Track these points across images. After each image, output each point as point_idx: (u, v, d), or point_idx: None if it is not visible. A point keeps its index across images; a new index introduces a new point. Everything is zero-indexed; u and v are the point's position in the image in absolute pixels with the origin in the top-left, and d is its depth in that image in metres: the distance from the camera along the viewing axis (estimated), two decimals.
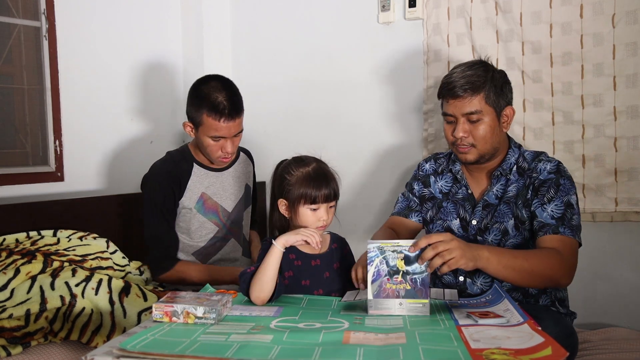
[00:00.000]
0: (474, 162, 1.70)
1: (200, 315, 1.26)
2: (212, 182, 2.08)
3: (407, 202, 1.89)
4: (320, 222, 1.51)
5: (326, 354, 1.07)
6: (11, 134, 2.26)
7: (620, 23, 1.93)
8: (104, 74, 2.50)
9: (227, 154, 1.97)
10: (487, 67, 1.68)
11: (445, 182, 1.82)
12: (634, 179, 1.94)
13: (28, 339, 1.59)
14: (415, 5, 2.32)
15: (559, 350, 1.04)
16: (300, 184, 1.49)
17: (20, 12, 2.25)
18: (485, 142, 1.65)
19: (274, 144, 2.68)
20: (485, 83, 1.63)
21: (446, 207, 1.78)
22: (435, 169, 1.86)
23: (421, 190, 1.86)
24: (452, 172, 1.81)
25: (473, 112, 1.63)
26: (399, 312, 1.34)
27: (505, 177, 1.70)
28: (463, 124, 1.65)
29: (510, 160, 1.71)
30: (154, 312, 1.28)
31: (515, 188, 1.68)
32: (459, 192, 1.77)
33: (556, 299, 1.69)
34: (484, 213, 1.70)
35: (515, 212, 1.65)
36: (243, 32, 2.83)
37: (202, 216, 2.06)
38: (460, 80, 1.63)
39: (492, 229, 1.68)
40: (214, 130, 1.91)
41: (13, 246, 1.90)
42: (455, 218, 1.75)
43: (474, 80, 1.62)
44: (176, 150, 2.13)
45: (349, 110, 2.56)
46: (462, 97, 1.63)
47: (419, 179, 1.88)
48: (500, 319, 1.28)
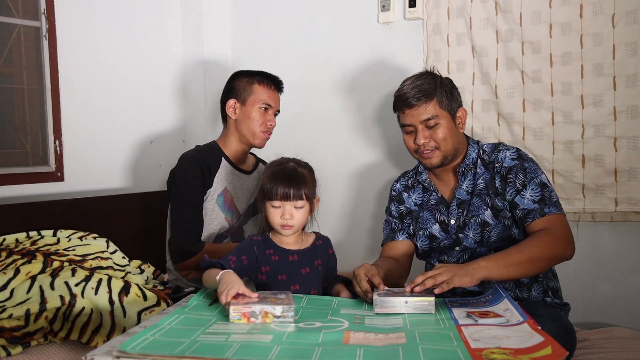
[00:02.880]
0: (439, 165, 1.76)
1: (279, 314, 1.27)
2: (235, 180, 2.12)
3: (390, 225, 1.92)
4: (283, 220, 1.52)
5: (326, 355, 1.07)
6: (11, 134, 2.26)
7: (620, 23, 1.93)
8: (104, 73, 2.51)
9: (271, 127, 2.11)
10: (435, 76, 1.76)
11: (417, 194, 1.88)
12: (634, 179, 1.94)
13: (28, 339, 1.59)
14: (415, 5, 2.32)
15: (559, 350, 1.04)
16: (266, 181, 1.54)
17: (20, 12, 2.25)
18: (446, 143, 1.72)
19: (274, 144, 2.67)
20: (436, 89, 1.72)
21: (423, 216, 1.84)
22: (406, 184, 1.92)
23: (398, 209, 1.90)
24: (420, 182, 1.87)
25: (430, 117, 1.70)
26: (405, 310, 1.35)
27: (471, 172, 1.77)
28: (422, 130, 1.72)
29: (471, 155, 1.78)
30: (231, 313, 1.27)
31: (483, 180, 1.75)
32: (431, 199, 1.84)
33: (549, 288, 1.71)
34: (460, 210, 1.76)
35: (490, 203, 1.71)
36: (243, 32, 2.83)
37: (220, 211, 2.08)
38: (412, 90, 1.71)
39: (470, 224, 1.73)
40: (265, 97, 2.09)
41: (13, 246, 1.90)
42: (434, 223, 1.81)
43: (425, 89, 1.71)
44: (205, 144, 2.17)
45: (348, 110, 2.56)
46: (417, 105, 1.71)
47: (393, 200, 1.93)
48: (500, 318, 1.28)
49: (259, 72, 2.14)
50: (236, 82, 2.12)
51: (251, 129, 2.08)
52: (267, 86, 2.10)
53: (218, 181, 2.07)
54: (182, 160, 2.08)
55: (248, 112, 2.08)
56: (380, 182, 2.50)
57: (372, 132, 2.51)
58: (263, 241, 1.59)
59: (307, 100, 2.67)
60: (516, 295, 1.69)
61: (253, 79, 2.10)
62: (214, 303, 1.44)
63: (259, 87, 2.09)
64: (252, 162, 2.24)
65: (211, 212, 2.07)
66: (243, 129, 2.09)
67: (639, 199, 1.94)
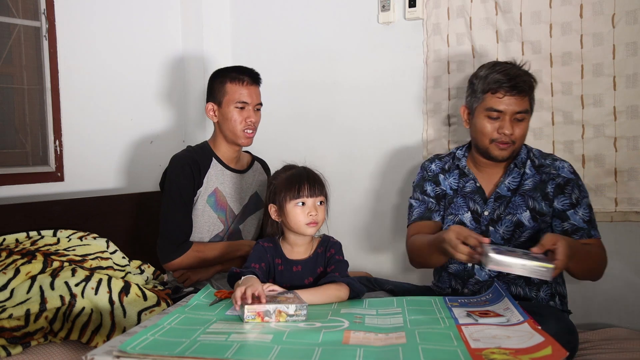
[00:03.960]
0: (504, 159, 1.74)
1: (292, 313, 1.29)
2: (226, 180, 2.11)
3: (425, 204, 1.87)
4: (310, 217, 1.52)
5: (326, 355, 1.07)
6: (11, 134, 2.26)
7: (620, 23, 1.93)
8: (104, 73, 2.50)
9: (252, 123, 2.05)
10: (527, 70, 1.73)
11: (454, 178, 1.85)
12: (634, 179, 1.94)
13: (28, 339, 1.59)
14: (415, 5, 2.32)
15: (559, 350, 1.04)
16: (285, 184, 1.55)
17: (20, 12, 2.25)
18: (522, 140, 1.72)
19: (274, 144, 2.68)
20: (533, 86, 1.70)
21: (457, 201, 1.82)
22: (442, 167, 1.89)
23: (434, 190, 1.87)
24: (458, 168, 1.85)
25: (523, 111, 1.68)
26: (519, 272, 1.35)
27: (517, 170, 1.75)
28: (511, 121, 1.68)
29: (522, 154, 1.77)
30: (246, 313, 1.28)
31: (532, 182, 1.74)
32: (467, 186, 1.82)
33: (557, 293, 1.73)
34: (496, 204, 1.75)
35: (532, 205, 1.71)
36: (243, 33, 2.83)
37: (212, 211, 2.08)
38: (518, 78, 1.66)
39: (504, 221, 1.73)
40: (238, 95, 2.03)
41: (13, 246, 1.90)
42: (467, 211, 1.80)
43: (529, 81, 1.68)
44: (196, 145, 2.17)
45: (348, 110, 2.56)
46: (519, 95, 1.66)
47: (428, 180, 1.89)
48: (500, 318, 1.28)
49: (232, 69, 2.09)
50: (212, 84, 2.10)
51: (232, 130, 2.06)
52: (240, 83, 2.04)
53: (208, 181, 2.07)
54: (172, 161, 2.09)
55: (225, 113, 2.05)
56: (381, 183, 2.50)
57: (372, 132, 2.50)
58: (274, 248, 1.60)
59: (307, 100, 2.66)
60: (525, 293, 1.70)
61: (225, 79, 2.06)
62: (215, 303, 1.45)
63: (232, 85, 2.04)
64: (246, 160, 2.23)
65: (203, 213, 2.07)
66: (225, 131, 2.08)
67: (639, 199, 1.94)
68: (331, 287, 1.48)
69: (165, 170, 2.10)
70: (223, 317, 1.32)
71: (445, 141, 2.29)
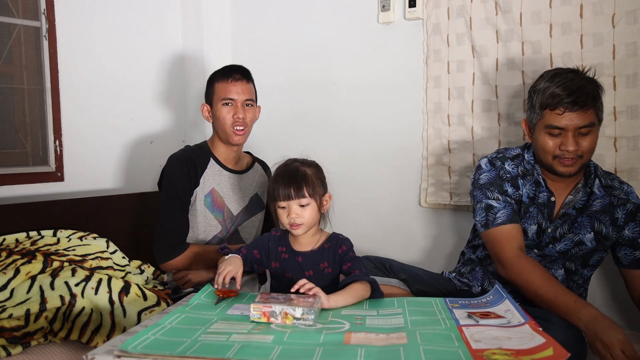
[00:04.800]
0: (573, 175, 1.64)
1: (299, 317, 1.27)
2: (224, 181, 2.11)
3: (511, 206, 1.69)
4: (290, 219, 1.53)
5: (327, 355, 1.07)
6: (11, 134, 2.26)
7: (620, 23, 1.93)
8: (104, 74, 2.50)
9: (239, 119, 2.03)
10: (594, 80, 1.60)
11: (530, 185, 1.72)
12: (634, 179, 1.94)
13: (28, 338, 1.58)
14: (415, 5, 2.32)
15: (561, 351, 1.04)
16: (270, 184, 1.57)
17: (20, 12, 2.25)
18: (590, 154, 1.61)
19: (273, 144, 2.68)
20: (599, 97, 1.58)
21: (532, 212, 1.70)
22: (518, 170, 1.73)
23: (514, 193, 1.71)
24: (532, 174, 1.72)
25: (587, 125, 1.56)
26: None
27: (584, 189, 1.69)
28: (574, 137, 1.57)
29: (589, 172, 1.69)
30: (252, 312, 1.28)
31: (600, 204, 1.68)
32: (540, 197, 1.71)
33: None
34: (560, 222, 1.69)
35: (598, 228, 1.67)
36: (243, 33, 2.83)
37: (209, 212, 2.07)
38: (578, 92, 1.54)
39: (565, 239, 1.68)
40: (225, 92, 2.02)
41: (13, 246, 1.90)
42: (535, 223, 1.71)
43: (591, 94, 1.55)
44: (195, 145, 2.17)
45: (348, 110, 2.56)
46: (583, 109, 1.54)
47: (507, 180, 1.72)
48: (501, 319, 1.28)
49: (222, 68, 2.09)
50: (207, 85, 2.11)
51: (222, 129, 2.06)
52: (225, 80, 2.04)
53: (205, 181, 2.07)
54: (170, 160, 2.09)
55: (215, 112, 2.06)
56: (380, 183, 2.50)
57: (372, 132, 2.50)
58: (280, 237, 1.62)
59: (306, 100, 2.67)
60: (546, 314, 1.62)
61: (214, 78, 2.08)
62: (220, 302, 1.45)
63: (218, 84, 2.05)
64: (246, 161, 2.23)
65: (200, 214, 2.07)
66: (218, 130, 2.08)
67: None
68: (358, 286, 1.49)
69: (163, 169, 2.10)
70: (224, 317, 1.32)
71: (445, 141, 2.29)
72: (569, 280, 1.73)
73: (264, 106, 2.29)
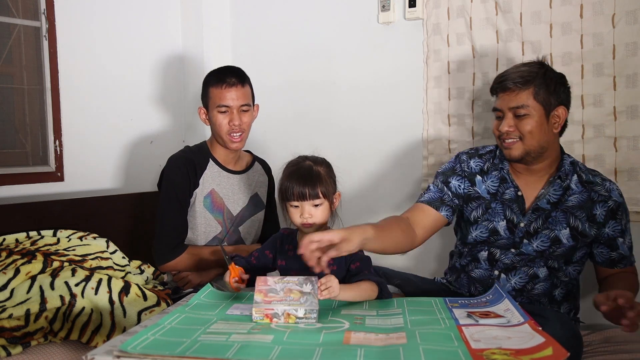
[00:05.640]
0: (519, 160, 1.68)
1: (302, 316, 1.28)
2: (223, 181, 2.10)
3: (441, 194, 1.80)
4: (302, 219, 1.52)
5: (327, 355, 1.07)
6: (11, 134, 2.26)
7: (620, 23, 1.93)
8: (104, 74, 2.50)
9: (235, 126, 2.00)
10: (543, 65, 1.67)
11: (492, 181, 1.76)
12: (634, 179, 1.94)
13: (28, 338, 1.59)
14: (415, 5, 2.32)
15: (560, 351, 1.04)
16: (283, 182, 1.55)
17: (20, 12, 2.25)
18: (531, 137, 1.64)
19: (274, 144, 2.68)
20: (536, 79, 1.63)
21: (494, 207, 1.74)
22: (482, 167, 1.79)
23: (466, 189, 1.79)
24: (500, 170, 1.76)
25: (519, 106, 1.63)
26: None
27: (559, 183, 1.69)
28: (509, 118, 1.65)
29: (565, 165, 1.70)
30: (254, 315, 1.28)
31: (578, 199, 1.67)
32: (507, 193, 1.73)
33: (574, 307, 1.75)
34: (533, 217, 1.69)
35: (574, 224, 1.66)
36: (243, 33, 2.83)
37: (208, 213, 2.07)
38: (512, 74, 1.65)
39: (541, 235, 1.68)
40: (219, 99, 1.99)
41: (13, 246, 1.90)
42: (502, 219, 1.72)
43: (524, 75, 1.63)
44: (194, 145, 2.17)
45: (348, 110, 2.56)
46: (511, 90, 1.64)
47: (460, 175, 1.81)
48: (501, 319, 1.28)
49: (215, 71, 2.06)
50: (202, 87, 2.09)
51: (219, 135, 2.04)
52: (220, 86, 2.00)
53: (204, 182, 2.06)
54: (169, 161, 2.08)
55: (211, 117, 2.04)
56: (381, 183, 2.50)
57: (372, 132, 2.50)
58: (288, 235, 1.63)
59: (307, 100, 2.67)
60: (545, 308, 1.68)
61: (208, 82, 2.04)
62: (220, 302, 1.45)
63: (212, 89, 2.01)
64: (246, 161, 2.22)
65: (199, 215, 2.06)
66: (215, 135, 2.08)
67: (639, 199, 1.94)
68: (367, 286, 1.48)
69: (163, 170, 2.10)
70: (224, 317, 1.32)
71: (445, 141, 2.29)
72: (553, 277, 1.72)
73: (264, 106, 2.29)
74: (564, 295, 1.72)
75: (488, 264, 1.74)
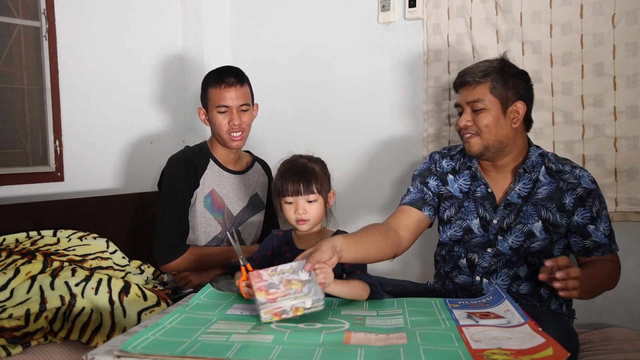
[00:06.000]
0: (479, 156, 1.69)
1: (309, 306, 1.28)
2: (224, 181, 2.11)
3: (422, 194, 1.80)
4: (297, 215, 1.52)
5: (327, 355, 1.07)
6: (11, 134, 2.26)
7: (620, 23, 1.93)
8: (104, 73, 2.50)
9: (235, 126, 2.01)
10: (503, 61, 1.69)
11: (464, 180, 1.78)
12: (634, 179, 1.94)
13: (28, 338, 1.59)
14: (415, 5, 2.32)
15: (560, 351, 1.04)
16: (277, 179, 1.55)
17: (20, 12, 2.25)
18: (488, 131, 1.64)
19: (274, 144, 2.68)
20: (491, 73, 1.64)
21: (467, 206, 1.75)
22: (453, 166, 1.81)
23: (439, 188, 1.81)
24: (470, 169, 1.77)
25: (475, 100, 1.65)
26: None
27: (528, 176, 1.69)
28: (467, 113, 1.67)
29: (531, 158, 1.69)
30: (263, 316, 1.26)
31: (547, 190, 1.66)
32: (478, 190, 1.74)
33: (564, 302, 1.72)
34: (506, 212, 1.69)
35: (545, 215, 1.65)
36: (243, 33, 2.83)
37: (209, 213, 2.07)
38: (472, 69, 1.67)
39: (514, 230, 1.67)
40: (218, 99, 2.00)
41: (13, 246, 1.90)
42: (476, 217, 1.73)
43: (482, 70, 1.65)
44: (195, 145, 2.17)
45: (348, 110, 2.56)
46: (468, 85, 1.66)
47: (434, 174, 1.82)
48: (501, 319, 1.28)
49: (214, 72, 2.07)
50: (202, 88, 2.09)
51: (219, 134, 2.05)
52: (219, 86, 2.01)
53: (204, 182, 2.07)
54: (169, 161, 2.09)
55: (211, 118, 2.05)
56: (381, 183, 2.50)
57: (372, 132, 2.50)
58: (283, 236, 1.62)
59: (306, 100, 2.67)
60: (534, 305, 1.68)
61: (207, 83, 2.05)
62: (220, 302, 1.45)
63: (212, 90, 2.03)
64: (246, 161, 2.22)
65: (199, 215, 2.07)
66: (215, 135, 2.08)
67: (639, 199, 1.94)
68: (358, 284, 1.47)
69: (163, 170, 2.10)
70: (224, 317, 1.32)
71: (445, 141, 2.29)
72: (534, 273, 1.69)
73: (264, 106, 2.29)
74: (550, 291, 1.69)
75: (469, 270, 1.74)
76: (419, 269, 2.34)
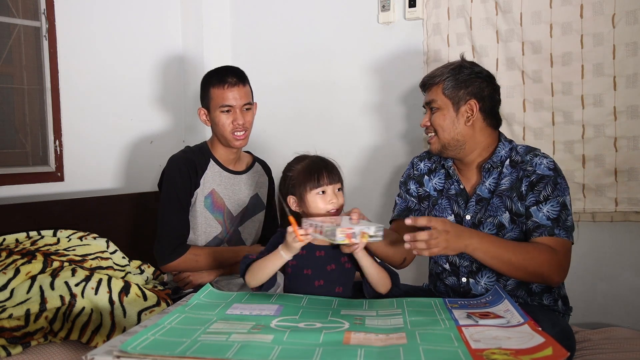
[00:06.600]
0: (439, 154, 1.76)
1: (373, 234, 1.39)
2: (224, 182, 2.11)
3: (405, 203, 1.88)
4: (331, 204, 1.53)
5: (327, 355, 1.07)
6: (11, 134, 2.26)
7: (620, 23, 1.93)
8: (104, 73, 2.50)
9: (239, 125, 2.01)
10: (461, 63, 1.73)
11: (439, 179, 1.83)
12: (634, 179, 1.94)
13: (28, 338, 1.59)
14: (415, 5, 2.32)
15: (560, 351, 1.04)
16: (303, 174, 1.55)
17: (20, 12, 2.25)
18: (442, 131, 1.71)
19: (274, 144, 2.69)
20: (443, 75, 1.71)
21: (441, 203, 1.79)
22: (430, 167, 1.87)
23: (418, 191, 1.87)
24: (444, 167, 1.82)
25: (431, 101, 1.73)
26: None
27: (497, 170, 1.70)
28: (427, 114, 1.76)
29: (499, 153, 1.71)
30: (338, 235, 1.35)
31: (509, 181, 1.67)
32: (452, 188, 1.78)
33: (560, 297, 1.70)
34: (478, 207, 1.71)
35: (510, 206, 1.65)
36: (243, 33, 2.83)
37: (209, 213, 2.07)
38: (431, 72, 1.76)
39: (486, 223, 1.68)
40: (221, 99, 2.00)
41: (13, 246, 1.90)
42: (450, 214, 1.76)
43: (438, 73, 1.72)
44: (195, 145, 2.17)
45: (348, 110, 2.56)
46: (427, 86, 1.76)
47: (413, 178, 1.88)
48: (501, 319, 1.28)
49: (215, 72, 2.07)
50: (202, 89, 2.09)
51: (222, 134, 2.05)
52: (221, 86, 2.01)
53: (205, 182, 2.07)
54: (170, 161, 2.08)
55: (213, 118, 2.04)
56: (381, 183, 2.50)
57: (372, 132, 2.51)
58: None
59: (307, 100, 2.67)
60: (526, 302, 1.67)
61: (209, 83, 2.05)
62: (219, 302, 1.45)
63: (214, 90, 2.02)
64: (246, 162, 2.22)
65: (200, 215, 2.06)
66: (217, 135, 2.08)
67: (639, 199, 1.94)
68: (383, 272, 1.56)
69: (163, 170, 2.10)
70: (223, 317, 1.32)
71: None
72: None
73: (264, 106, 2.29)
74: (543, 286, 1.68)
75: (453, 274, 1.75)
76: (414, 271, 2.34)
